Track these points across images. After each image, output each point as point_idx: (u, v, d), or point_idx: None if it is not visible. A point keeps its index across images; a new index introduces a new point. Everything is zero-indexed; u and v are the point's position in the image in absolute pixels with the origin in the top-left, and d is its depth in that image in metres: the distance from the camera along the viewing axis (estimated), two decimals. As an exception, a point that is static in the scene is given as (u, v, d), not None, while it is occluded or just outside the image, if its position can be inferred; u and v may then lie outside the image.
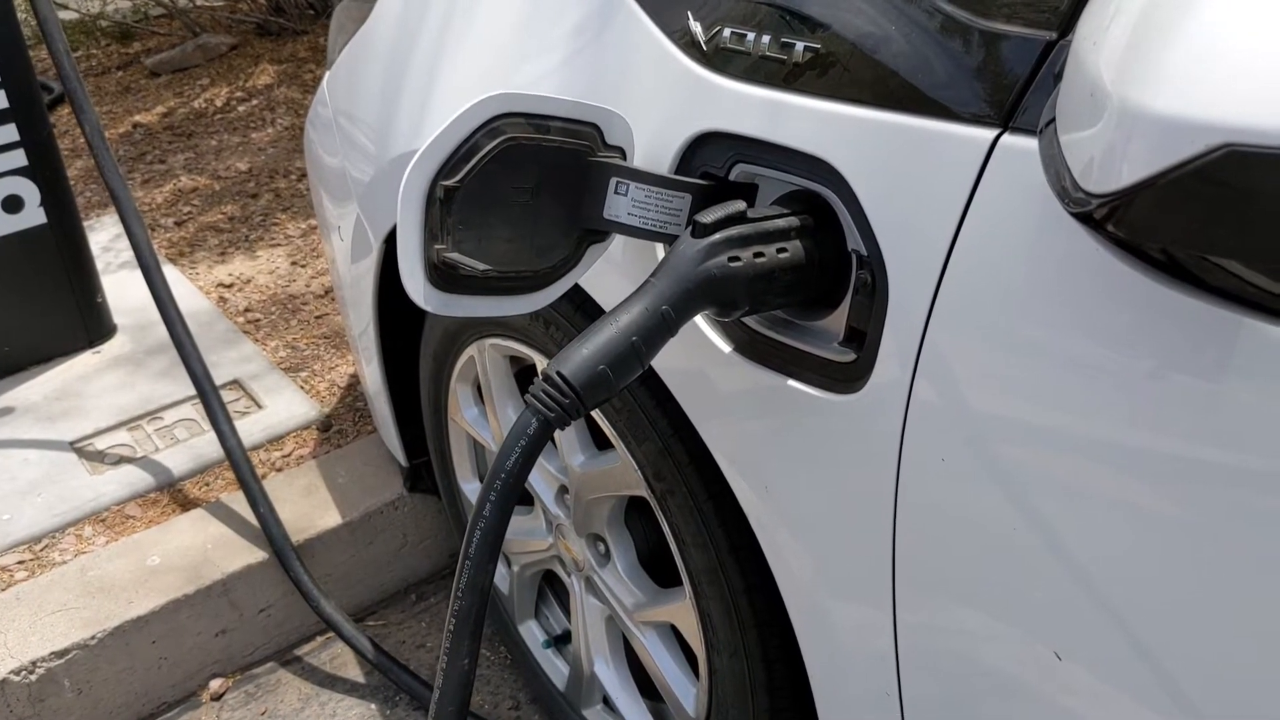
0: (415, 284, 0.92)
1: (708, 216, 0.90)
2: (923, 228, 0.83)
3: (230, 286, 2.76)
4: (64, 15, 5.07)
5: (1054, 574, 0.79)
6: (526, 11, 1.23)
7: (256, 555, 1.85)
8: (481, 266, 0.92)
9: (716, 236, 0.89)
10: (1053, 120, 0.64)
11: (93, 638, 1.70)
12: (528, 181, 0.95)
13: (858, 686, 1.01)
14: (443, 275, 0.92)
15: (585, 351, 0.86)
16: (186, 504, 2.00)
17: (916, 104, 0.83)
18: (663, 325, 0.87)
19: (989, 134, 0.78)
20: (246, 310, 2.64)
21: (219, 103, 4.00)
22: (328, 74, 1.75)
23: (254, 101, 3.97)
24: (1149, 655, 0.74)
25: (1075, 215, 0.57)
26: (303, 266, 2.83)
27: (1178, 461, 0.68)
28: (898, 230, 0.85)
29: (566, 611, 1.76)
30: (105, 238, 3.00)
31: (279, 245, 2.96)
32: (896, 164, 0.85)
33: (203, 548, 1.86)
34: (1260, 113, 0.43)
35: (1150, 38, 0.49)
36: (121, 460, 2.11)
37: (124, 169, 3.49)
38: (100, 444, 2.16)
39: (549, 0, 1.20)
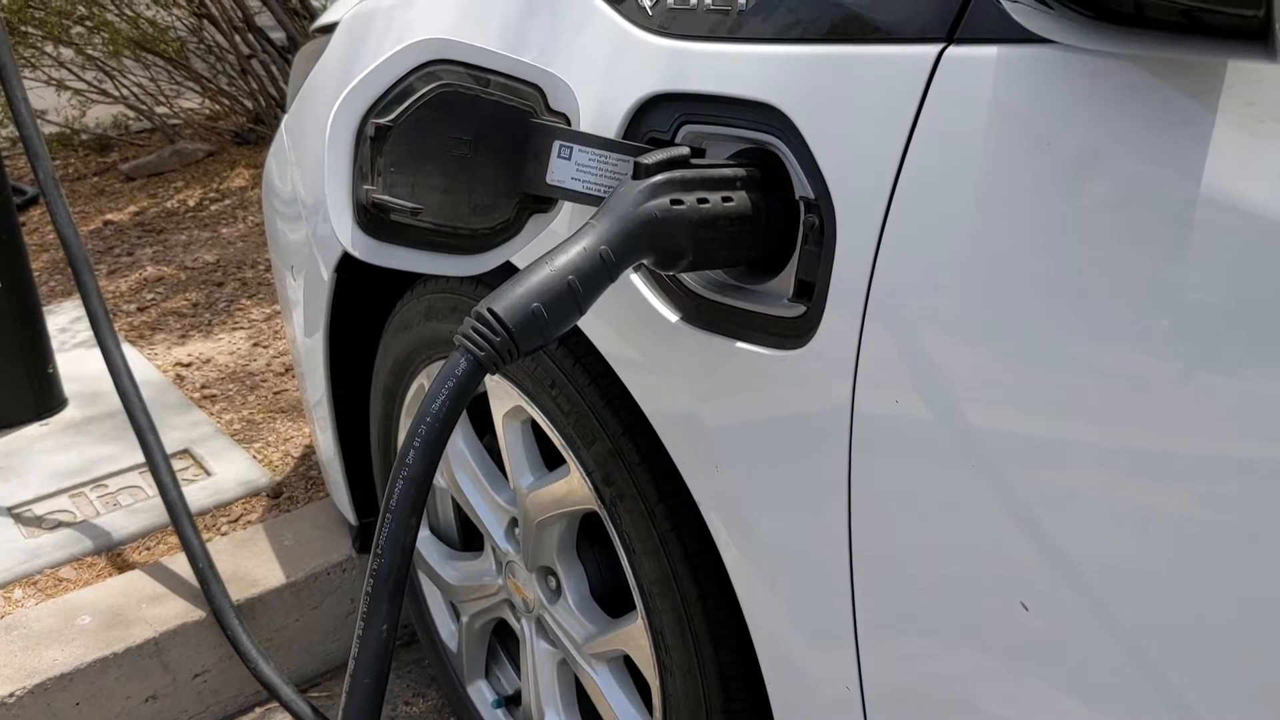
0: (343, 226, 0.88)
1: (650, 158, 0.87)
2: (868, 157, 0.80)
3: (189, 365, 2.70)
4: (46, 129, 5.13)
5: (1009, 516, 0.73)
6: (465, 10, 1.22)
7: (193, 614, 1.75)
8: (412, 205, 0.87)
9: (659, 177, 0.86)
10: None
11: (11, 695, 1.59)
12: (465, 133, 0.92)
13: (813, 671, 0.94)
14: (373, 220, 0.88)
15: (519, 290, 0.81)
16: (125, 567, 1.90)
17: (859, 31, 0.81)
18: (601, 268, 0.83)
19: (933, 50, 0.76)
20: (203, 386, 2.58)
21: (191, 203, 4.01)
22: (285, 117, 1.74)
23: (227, 201, 3.98)
24: (1103, 606, 0.68)
25: None
26: (264, 347, 2.79)
27: (1143, 389, 0.64)
28: (844, 165, 0.82)
29: (517, 668, 1.67)
30: (65, 320, 2.95)
31: (241, 329, 2.92)
32: (841, 97, 0.82)
33: (137, 606, 1.76)
34: None
35: None
36: (60, 525, 2.02)
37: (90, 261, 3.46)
38: (39, 509, 2.07)
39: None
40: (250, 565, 1.86)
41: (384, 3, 1.42)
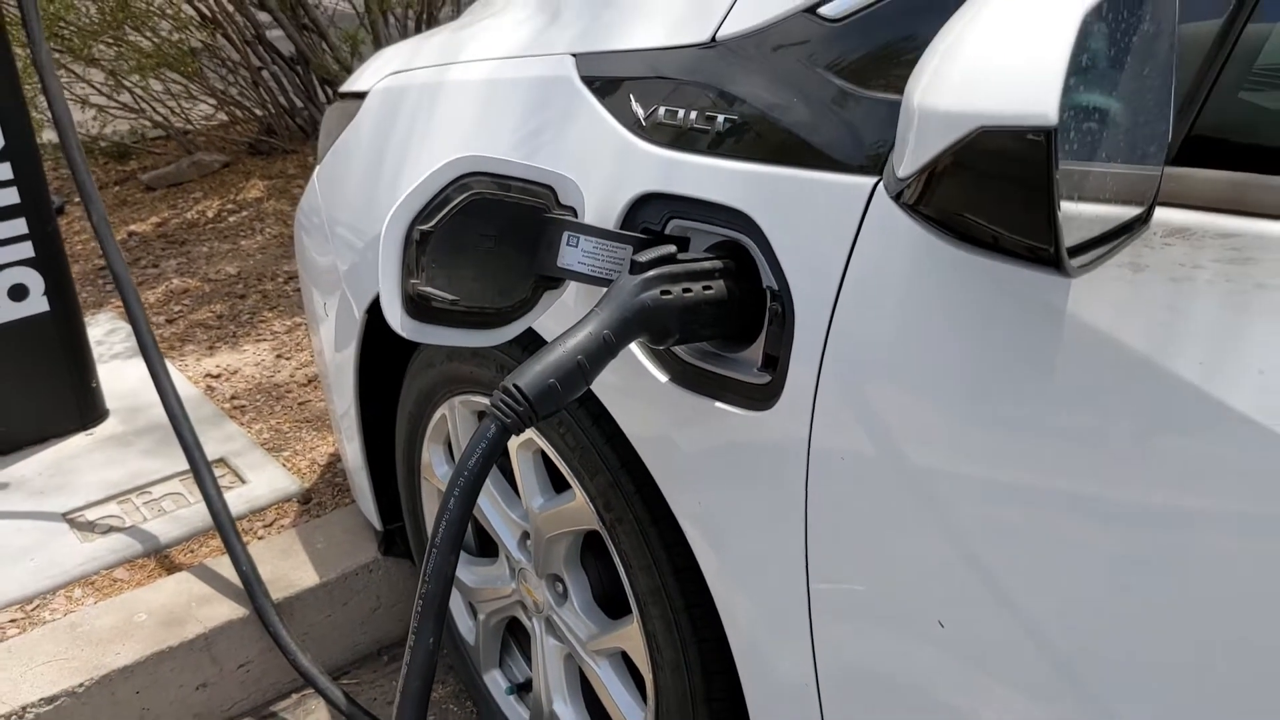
0: (394, 312, 1.08)
1: (643, 256, 1.07)
2: (820, 262, 1.00)
3: (218, 377, 2.91)
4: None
5: (933, 545, 0.93)
6: (489, 104, 1.42)
7: (238, 611, 1.96)
8: (450, 296, 1.08)
9: (650, 273, 1.06)
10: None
11: (80, 685, 1.80)
12: (491, 230, 1.12)
13: (779, 666, 1.14)
14: (417, 306, 1.09)
15: (538, 368, 1.01)
16: (172, 568, 2.11)
17: (814, 160, 1.01)
18: (604, 348, 1.03)
19: (870, 181, 0.96)
20: (233, 398, 2.79)
21: (210, 214, 4.21)
22: (318, 168, 1.93)
23: (244, 213, 4.17)
24: (1020, 613, 0.88)
25: (896, 200, 0.74)
26: (287, 359, 2.99)
27: (1039, 429, 0.84)
28: (801, 267, 1.02)
29: (528, 659, 1.87)
30: (100, 332, 3.15)
31: (265, 340, 3.12)
32: (799, 211, 1.02)
33: (187, 605, 1.97)
34: (1000, 104, 0.63)
35: (941, 63, 0.68)
36: (111, 530, 2.22)
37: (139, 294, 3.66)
38: (91, 515, 2.28)
39: (511, 91, 1.39)
40: (286, 567, 2.07)
41: (413, 81, 1.61)
